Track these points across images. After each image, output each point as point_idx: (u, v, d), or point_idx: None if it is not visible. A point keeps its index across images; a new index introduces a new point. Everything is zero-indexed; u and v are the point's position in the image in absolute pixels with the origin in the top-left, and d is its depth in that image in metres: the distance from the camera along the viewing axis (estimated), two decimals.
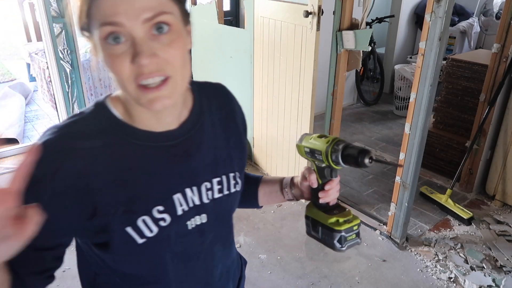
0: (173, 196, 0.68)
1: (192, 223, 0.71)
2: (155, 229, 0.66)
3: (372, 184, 2.97)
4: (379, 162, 0.72)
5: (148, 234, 0.65)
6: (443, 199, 2.63)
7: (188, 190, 0.70)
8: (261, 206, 0.93)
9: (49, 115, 4.26)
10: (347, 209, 0.77)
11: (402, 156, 2.17)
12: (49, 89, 4.04)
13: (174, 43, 0.58)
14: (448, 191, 2.61)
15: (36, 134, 3.84)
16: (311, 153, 0.74)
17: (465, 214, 2.51)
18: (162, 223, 0.67)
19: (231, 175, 0.76)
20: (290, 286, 2.09)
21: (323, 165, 0.74)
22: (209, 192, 0.73)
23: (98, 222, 0.63)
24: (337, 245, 0.73)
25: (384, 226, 2.46)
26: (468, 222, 2.51)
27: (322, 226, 0.75)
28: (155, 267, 0.71)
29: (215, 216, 0.74)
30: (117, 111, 0.65)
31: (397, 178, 2.24)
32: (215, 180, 0.73)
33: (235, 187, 0.77)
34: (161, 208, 0.66)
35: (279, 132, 2.83)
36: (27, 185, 0.50)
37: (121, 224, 0.64)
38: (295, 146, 0.79)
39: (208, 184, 0.72)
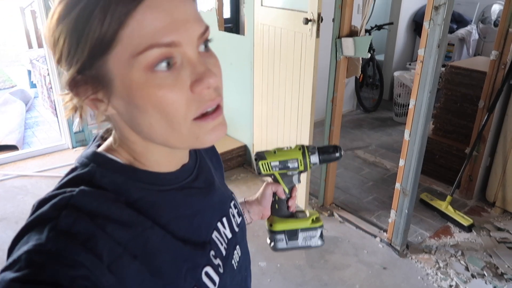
0: (212, 236, 0.58)
1: (235, 260, 0.62)
2: (217, 280, 0.55)
3: (372, 191, 2.97)
4: (349, 150, 0.78)
5: None
6: (443, 206, 2.62)
7: (219, 225, 0.60)
8: None
9: (49, 121, 4.27)
10: (304, 210, 0.82)
11: (402, 162, 2.17)
12: (49, 95, 4.05)
13: (218, 61, 0.48)
14: (448, 198, 2.60)
15: (36, 140, 3.84)
16: (283, 165, 0.76)
17: (466, 221, 2.50)
18: (220, 270, 0.56)
19: (233, 194, 0.70)
20: None
21: (295, 172, 0.77)
22: (234, 219, 0.64)
23: None
24: (320, 241, 0.79)
25: (384, 233, 2.46)
26: (468, 229, 2.50)
27: (302, 230, 0.78)
28: None
29: (242, 243, 0.66)
30: (124, 161, 0.51)
31: (397, 185, 2.24)
32: (232, 204, 0.66)
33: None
34: (213, 252, 0.56)
35: (279, 138, 2.83)
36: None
37: None
38: (256, 164, 0.76)
39: (231, 210, 0.64)
